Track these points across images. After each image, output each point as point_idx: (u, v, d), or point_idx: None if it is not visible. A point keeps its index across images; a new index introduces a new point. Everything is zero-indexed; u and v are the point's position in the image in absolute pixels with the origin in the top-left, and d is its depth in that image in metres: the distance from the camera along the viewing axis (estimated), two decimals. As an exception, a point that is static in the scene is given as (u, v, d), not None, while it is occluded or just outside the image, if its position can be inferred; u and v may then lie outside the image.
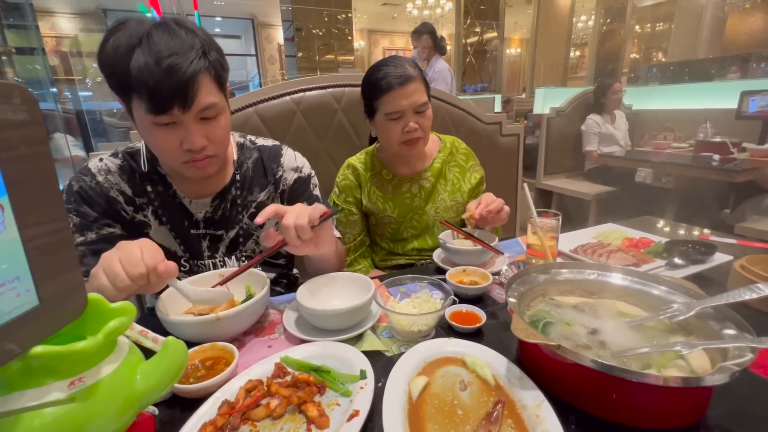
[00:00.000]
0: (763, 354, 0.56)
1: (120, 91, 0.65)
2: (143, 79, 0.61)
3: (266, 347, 0.63)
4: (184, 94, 0.63)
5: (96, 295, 0.40)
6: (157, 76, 0.61)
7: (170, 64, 0.61)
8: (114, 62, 0.62)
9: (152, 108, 0.63)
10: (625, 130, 3.10)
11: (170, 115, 0.65)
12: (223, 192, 0.84)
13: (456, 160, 1.13)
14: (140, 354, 0.43)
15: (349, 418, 0.45)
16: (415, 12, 6.99)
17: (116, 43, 0.62)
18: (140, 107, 0.64)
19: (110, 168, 0.78)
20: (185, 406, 0.50)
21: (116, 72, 0.63)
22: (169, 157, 0.70)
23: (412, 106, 0.95)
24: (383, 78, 0.95)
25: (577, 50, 7.66)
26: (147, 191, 0.79)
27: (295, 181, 0.91)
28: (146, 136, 0.70)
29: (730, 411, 0.47)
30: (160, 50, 0.61)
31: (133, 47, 0.61)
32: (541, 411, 0.45)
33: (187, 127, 0.67)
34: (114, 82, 0.65)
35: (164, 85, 0.62)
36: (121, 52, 0.61)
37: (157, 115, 0.64)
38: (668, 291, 0.60)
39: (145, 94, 0.62)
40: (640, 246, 0.95)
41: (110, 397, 0.37)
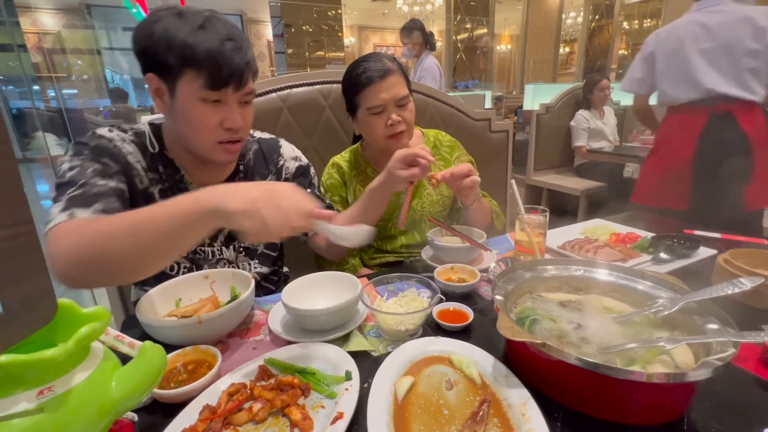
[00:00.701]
0: (746, 348, 0.56)
1: (174, 66, 0.66)
2: (211, 54, 0.65)
3: (251, 349, 0.62)
4: (240, 74, 0.69)
5: (67, 301, 0.39)
6: (224, 53, 0.66)
7: (235, 46, 0.68)
8: (172, 38, 0.65)
9: (212, 83, 0.67)
10: (613, 126, 3.13)
11: (223, 93, 0.69)
12: (227, 181, 0.85)
13: (440, 153, 1.12)
14: (116, 360, 0.42)
15: (334, 420, 0.44)
16: (405, 8, 6.96)
17: (170, 24, 0.66)
18: (194, 82, 0.67)
19: (124, 138, 0.76)
20: (166, 412, 0.49)
21: (175, 47, 0.65)
22: (207, 133, 0.72)
23: (393, 99, 0.95)
24: (363, 73, 0.95)
25: (566, 46, 7.71)
26: (158, 170, 0.78)
27: (296, 168, 0.94)
28: (189, 111, 0.70)
29: (714, 404, 0.47)
30: (226, 33, 0.67)
31: (196, 29, 0.66)
32: (526, 410, 0.44)
33: (231, 107, 0.71)
34: (169, 58, 0.66)
35: (229, 63, 0.67)
36: (183, 31, 0.65)
37: (213, 90, 0.68)
38: (653, 286, 0.61)
39: (208, 69, 0.66)
40: (626, 241, 0.96)
41: (83, 406, 0.36)
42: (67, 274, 0.57)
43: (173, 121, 0.74)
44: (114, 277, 0.64)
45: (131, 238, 0.55)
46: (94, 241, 0.56)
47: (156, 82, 0.70)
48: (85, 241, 0.56)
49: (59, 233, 0.59)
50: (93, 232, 0.57)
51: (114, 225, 0.57)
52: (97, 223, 0.59)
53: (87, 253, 0.56)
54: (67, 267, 0.56)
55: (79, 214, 0.62)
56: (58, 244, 0.58)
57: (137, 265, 0.58)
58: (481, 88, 6.36)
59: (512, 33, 8.97)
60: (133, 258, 0.56)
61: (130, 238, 0.55)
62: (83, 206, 0.63)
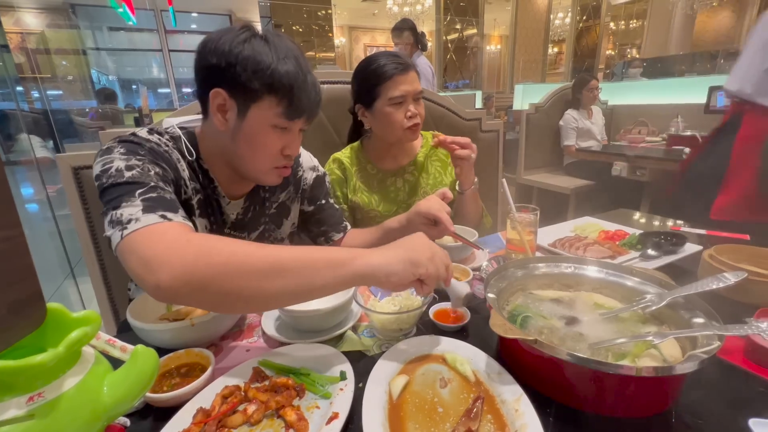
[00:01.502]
0: (731, 341, 0.58)
1: (256, 90, 0.65)
2: (296, 86, 0.66)
3: (244, 351, 0.62)
4: (314, 108, 0.72)
5: (57, 305, 0.38)
6: (306, 87, 0.68)
7: (314, 81, 0.70)
8: (261, 63, 0.64)
9: (290, 113, 0.68)
10: (601, 125, 3.18)
11: (295, 122, 0.70)
12: (252, 192, 0.85)
13: (437, 154, 1.15)
14: (107, 364, 0.41)
15: (329, 420, 0.44)
16: (396, 8, 6.97)
17: (259, 48, 0.65)
18: (270, 109, 0.67)
19: (166, 142, 0.71)
20: (159, 416, 0.48)
21: (262, 72, 0.64)
22: (268, 158, 0.72)
23: (413, 92, 0.99)
24: (385, 65, 0.98)
25: (555, 47, 7.79)
26: (199, 178, 0.76)
27: (314, 179, 0.94)
28: (257, 135, 0.69)
29: (701, 396, 0.49)
30: (306, 66, 0.69)
31: (283, 56, 0.66)
32: (519, 405, 0.45)
33: (294, 136, 0.73)
34: (254, 81, 0.65)
35: (309, 95, 0.69)
36: (271, 58, 0.65)
37: (288, 119, 0.68)
38: (641, 282, 0.62)
39: (291, 100, 0.67)
40: (615, 238, 0.97)
41: (74, 411, 0.36)
42: (171, 286, 0.48)
43: (233, 140, 0.70)
44: (222, 306, 0.54)
45: (271, 276, 0.50)
46: (222, 266, 0.49)
47: (224, 99, 0.66)
48: (210, 261, 0.49)
49: (160, 235, 0.51)
50: (222, 253, 0.50)
51: (252, 255, 0.50)
52: (224, 245, 0.51)
53: (208, 274, 0.48)
54: (173, 279, 0.47)
55: (172, 217, 0.55)
56: (167, 251, 0.49)
57: (259, 304, 0.55)
58: (471, 88, 6.40)
59: (502, 33, 9.04)
60: (262, 298, 0.51)
61: (270, 277, 0.50)
62: (171, 210, 0.56)
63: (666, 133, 2.88)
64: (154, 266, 0.48)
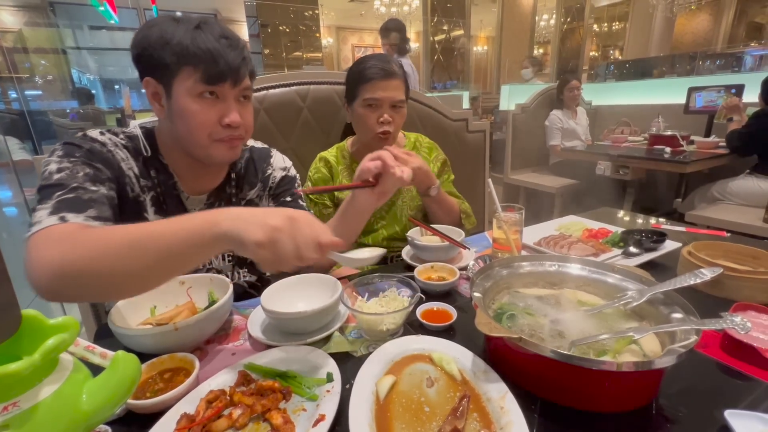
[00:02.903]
0: (708, 335, 0.60)
1: (170, 65, 0.66)
2: (207, 50, 0.66)
3: (230, 355, 0.61)
4: (237, 69, 0.69)
5: (32, 312, 0.37)
6: (221, 48, 0.67)
7: (232, 42, 0.69)
8: (169, 38, 0.65)
9: (208, 77, 0.67)
10: (585, 125, 3.24)
11: (219, 88, 0.68)
12: (218, 189, 0.84)
13: (420, 154, 1.16)
14: (87, 371, 0.40)
15: (315, 423, 0.44)
16: (383, 9, 6.97)
17: (166, 27, 0.66)
18: (190, 78, 0.67)
19: (116, 142, 0.73)
20: (142, 423, 0.47)
21: (172, 46, 0.65)
22: (204, 129, 0.70)
23: (390, 99, 1.00)
24: (369, 68, 1.00)
25: (540, 48, 7.90)
26: (151, 175, 0.76)
27: (282, 178, 0.93)
28: (185, 108, 0.69)
29: (681, 389, 0.50)
30: (219, 32, 0.68)
31: (191, 29, 0.66)
32: (505, 403, 0.46)
33: (228, 104, 0.71)
34: (165, 57, 0.66)
35: (226, 57, 0.67)
36: (179, 31, 0.66)
37: (209, 84, 0.67)
38: (623, 279, 0.63)
39: (205, 64, 0.66)
40: (599, 236, 0.99)
41: (51, 421, 0.35)
42: (48, 285, 0.51)
43: (171, 122, 0.72)
44: (101, 294, 0.59)
45: (131, 254, 0.51)
46: (86, 253, 0.51)
47: (153, 86, 0.69)
48: (75, 252, 0.51)
49: (46, 238, 0.54)
50: (85, 243, 0.52)
51: (111, 238, 0.52)
52: (90, 234, 0.54)
53: (76, 265, 0.50)
54: (49, 278, 0.51)
55: (71, 219, 0.57)
56: (43, 252, 0.52)
57: (131, 284, 0.54)
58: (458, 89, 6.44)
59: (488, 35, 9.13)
60: (129, 276, 0.52)
61: (130, 255, 0.51)
62: (75, 211, 0.59)
63: (647, 132, 2.95)
64: (32, 268, 0.52)
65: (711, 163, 2.41)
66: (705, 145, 2.56)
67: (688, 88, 2.90)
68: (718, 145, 2.51)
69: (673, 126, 2.90)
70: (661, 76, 4.78)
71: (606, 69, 5.89)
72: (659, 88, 3.65)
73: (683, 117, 2.96)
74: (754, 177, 2.25)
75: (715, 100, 2.76)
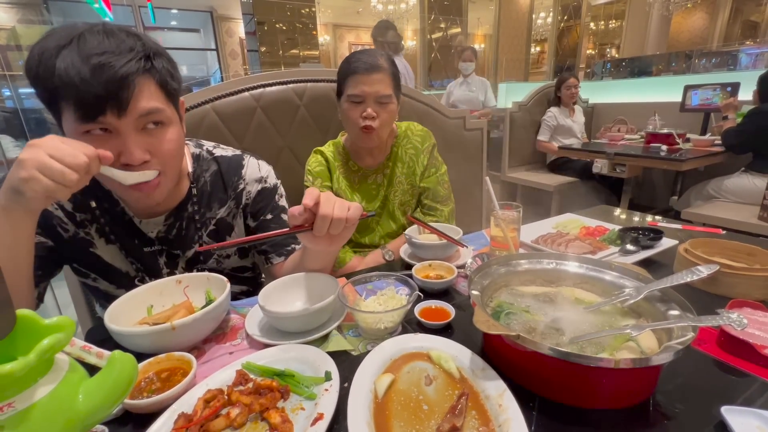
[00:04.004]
0: (704, 331, 0.60)
1: (47, 99, 0.58)
2: (69, 78, 0.53)
3: (227, 354, 0.61)
4: (116, 94, 0.55)
5: (27, 312, 0.37)
6: (84, 73, 0.53)
7: (101, 62, 0.54)
8: (38, 66, 0.55)
9: (81, 113, 0.55)
10: (582, 123, 3.25)
11: (102, 122, 0.56)
12: (178, 209, 0.77)
13: (412, 141, 1.14)
14: (83, 371, 0.40)
15: (314, 422, 0.44)
16: (380, 7, 6.95)
17: (43, 47, 0.55)
18: (69, 117, 0.56)
19: None
20: (138, 423, 0.47)
21: (41, 76, 0.55)
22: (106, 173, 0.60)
23: (374, 94, 0.98)
24: (354, 62, 0.99)
25: (537, 46, 7.91)
26: (91, 207, 0.71)
27: (258, 192, 0.84)
28: None
29: (678, 386, 0.50)
30: (91, 49, 0.54)
31: (60, 47, 0.54)
32: (503, 400, 0.46)
33: (124, 138, 0.58)
34: (39, 89, 0.57)
35: (93, 85, 0.54)
36: (46, 55, 0.54)
37: (86, 122, 0.56)
38: (620, 276, 0.63)
39: (72, 97, 0.54)
40: (596, 234, 0.99)
41: (47, 422, 0.34)
42: None
43: None
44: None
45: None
46: None
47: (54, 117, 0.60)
48: None
49: None
50: None
51: None
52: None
53: None
54: None
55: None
56: None
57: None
58: (456, 87, 6.43)
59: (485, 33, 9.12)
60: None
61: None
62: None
63: (644, 130, 2.97)
64: None
65: (707, 160, 2.42)
66: (701, 143, 2.58)
67: (684, 86, 2.91)
68: (714, 143, 2.52)
69: (670, 124, 2.92)
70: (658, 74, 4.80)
71: (603, 67, 5.90)
72: (656, 86, 3.67)
73: (679, 115, 2.97)
74: (749, 174, 2.27)
75: (710, 98, 2.77)
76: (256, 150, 0.94)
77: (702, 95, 2.82)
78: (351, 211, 0.62)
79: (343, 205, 0.61)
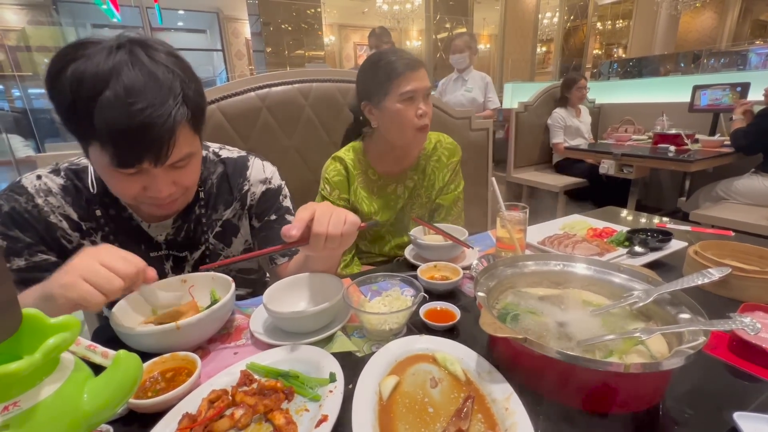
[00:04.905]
0: (716, 336, 0.59)
1: (79, 134, 0.58)
2: (110, 132, 0.54)
3: (232, 354, 0.61)
4: (157, 151, 0.57)
5: (33, 311, 0.37)
6: (128, 132, 0.54)
7: (144, 120, 0.54)
8: (75, 100, 0.54)
9: (118, 163, 0.57)
10: (588, 124, 3.22)
11: (137, 168, 0.59)
12: (185, 212, 0.78)
13: (438, 154, 1.11)
14: (88, 371, 0.40)
15: (318, 423, 0.43)
16: (385, 7, 6.95)
17: (78, 76, 0.54)
18: (102, 156, 0.57)
19: (51, 188, 0.69)
20: (143, 423, 0.47)
21: (77, 113, 0.55)
22: (129, 198, 0.64)
23: (425, 89, 0.96)
24: (397, 60, 0.94)
25: (543, 46, 7.87)
26: (96, 215, 0.71)
27: (263, 193, 0.85)
28: (104, 177, 0.63)
29: (688, 391, 0.49)
30: (134, 98, 0.54)
31: (99, 89, 0.53)
32: (510, 404, 0.45)
33: (154, 177, 0.61)
34: (73, 123, 0.57)
35: (136, 142, 0.55)
36: (85, 92, 0.53)
37: (122, 168, 0.58)
38: (629, 279, 0.62)
39: (110, 147, 0.55)
40: (603, 236, 0.98)
41: (52, 421, 0.34)
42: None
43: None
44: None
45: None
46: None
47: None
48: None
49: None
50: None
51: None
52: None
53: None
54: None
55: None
56: None
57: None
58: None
59: (491, 33, 9.09)
60: None
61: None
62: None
63: (652, 131, 2.93)
64: None
65: (716, 161, 2.39)
66: (710, 143, 2.54)
67: (693, 86, 2.88)
68: (723, 144, 2.49)
69: (678, 124, 2.88)
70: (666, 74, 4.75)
71: (610, 67, 5.86)
72: (663, 86, 3.63)
73: (688, 115, 2.94)
74: (759, 176, 2.23)
75: (720, 99, 2.74)
76: (262, 150, 0.94)
77: (711, 95, 2.79)
78: (346, 226, 0.62)
79: (338, 221, 0.61)
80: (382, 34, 3.05)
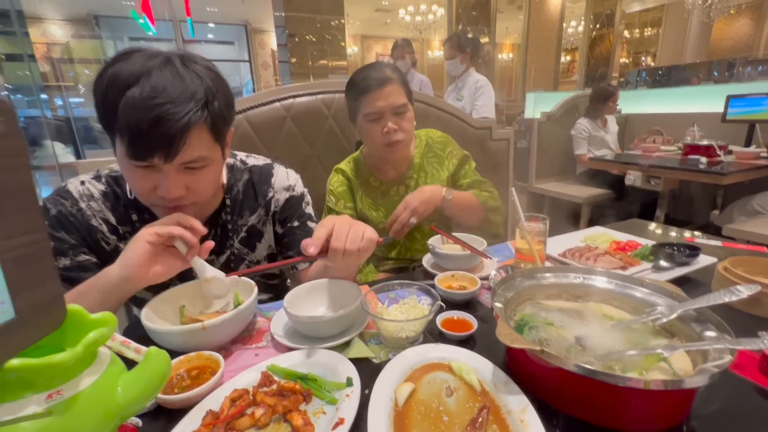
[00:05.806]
0: (745, 356, 0.56)
1: (105, 124, 0.62)
2: (127, 122, 0.58)
3: (253, 356, 0.63)
4: (168, 146, 0.59)
5: (76, 307, 0.40)
6: (143, 123, 0.57)
7: (160, 114, 0.57)
8: (106, 94, 0.59)
9: (131, 154, 0.60)
10: (615, 134, 3.14)
11: (149, 162, 0.61)
12: (213, 218, 0.81)
13: (433, 150, 1.14)
14: (122, 365, 0.43)
15: (334, 426, 0.45)
16: (408, 18, 7.04)
17: (115, 74, 0.59)
18: (121, 147, 0.61)
19: (93, 194, 0.74)
20: (170, 417, 0.49)
21: (106, 105, 0.59)
22: (141, 196, 0.68)
23: (390, 107, 0.97)
24: (362, 80, 0.98)
25: (567, 55, 7.76)
26: (132, 220, 0.76)
27: (286, 200, 0.87)
28: (123, 170, 0.67)
29: (714, 412, 0.48)
30: (156, 95, 0.57)
31: (129, 85, 0.58)
32: (525, 416, 0.45)
33: (165, 175, 0.63)
34: (102, 116, 0.61)
35: (148, 135, 0.58)
36: (116, 87, 0.58)
37: (134, 160, 0.61)
38: (652, 294, 0.61)
39: (126, 138, 0.59)
40: (627, 249, 0.96)
41: (90, 410, 0.37)
42: None
43: None
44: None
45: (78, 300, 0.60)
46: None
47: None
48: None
49: None
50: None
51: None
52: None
53: None
54: None
55: None
56: None
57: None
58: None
59: (514, 42, 9.04)
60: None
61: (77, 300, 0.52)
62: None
63: (682, 142, 2.83)
64: None
65: (751, 174, 2.29)
66: (745, 155, 2.44)
67: (726, 95, 2.77)
68: (760, 156, 2.38)
69: (710, 135, 2.78)
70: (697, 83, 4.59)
71: (637, 76, 5.72)
72: (694, 95, 3.51)
73: (720, 126, 2.83)
74: (799, 189, 2.12)
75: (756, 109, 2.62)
76: (285, 159, 0.97)
77: (747, 105, 2.68)
78: (363, 242, 0.63)
79: (356, 236, 0.63)
80: (404, 45, 3.09)
